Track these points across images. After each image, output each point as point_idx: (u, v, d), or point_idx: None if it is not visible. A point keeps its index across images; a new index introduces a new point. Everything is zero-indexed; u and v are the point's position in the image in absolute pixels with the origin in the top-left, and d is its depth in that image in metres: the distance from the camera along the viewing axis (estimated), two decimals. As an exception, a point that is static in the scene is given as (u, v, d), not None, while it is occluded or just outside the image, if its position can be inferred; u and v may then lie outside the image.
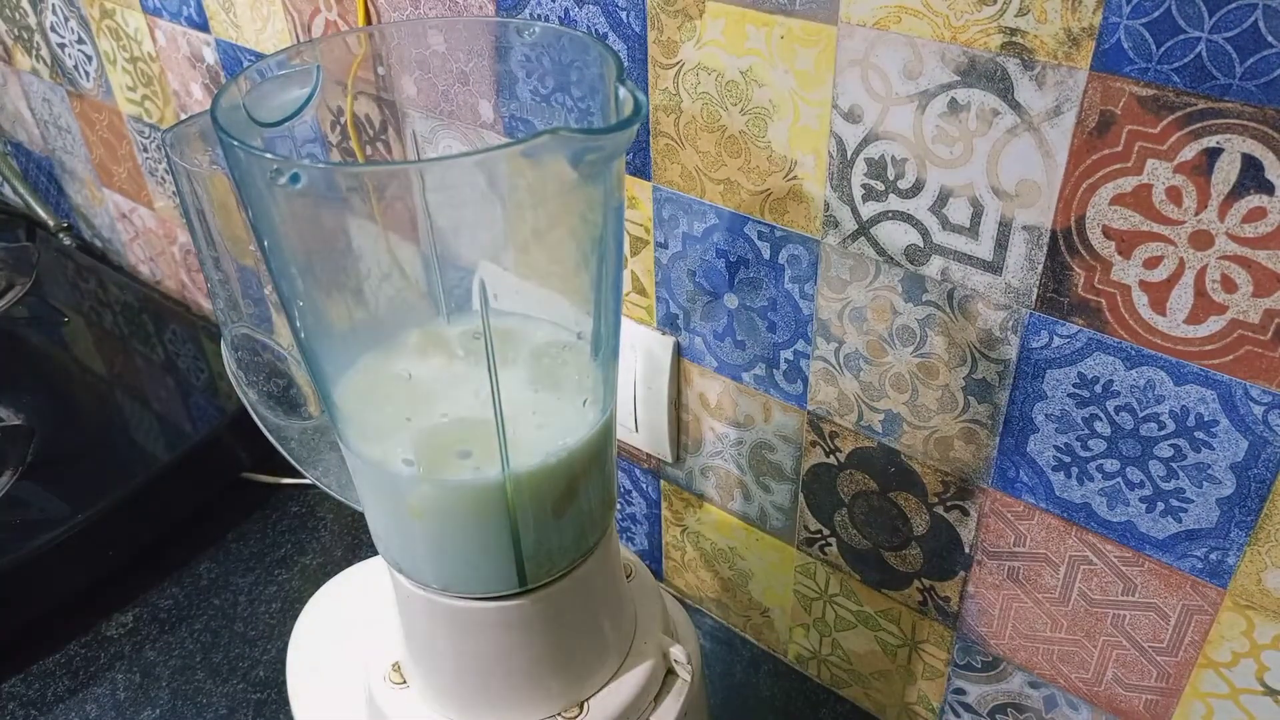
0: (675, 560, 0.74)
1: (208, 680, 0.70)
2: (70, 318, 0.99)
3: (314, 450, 0.53)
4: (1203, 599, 0.47)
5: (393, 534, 0.42)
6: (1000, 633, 0.56)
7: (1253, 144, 0.37)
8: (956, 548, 0.55)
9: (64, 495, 0.76)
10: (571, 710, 0.45)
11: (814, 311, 0.54)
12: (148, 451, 0.83)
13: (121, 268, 1.13)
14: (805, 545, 0.63)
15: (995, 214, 0.44)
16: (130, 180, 1.00)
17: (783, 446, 0.61)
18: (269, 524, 0.82)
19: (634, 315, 0.63)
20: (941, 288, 0.48)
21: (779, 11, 0.46)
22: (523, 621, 0.42)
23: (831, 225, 0.50)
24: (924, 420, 0.52)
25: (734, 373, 0.60)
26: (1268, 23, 0.35)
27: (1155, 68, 0.37)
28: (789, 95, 0.48)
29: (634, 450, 0.70)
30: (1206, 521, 0.45)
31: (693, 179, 0.55)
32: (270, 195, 0.33)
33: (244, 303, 0.49)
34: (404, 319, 0.40)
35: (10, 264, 0.99)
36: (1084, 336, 0.44)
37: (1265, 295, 0.39)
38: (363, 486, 0.40)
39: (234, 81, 0.38)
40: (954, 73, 0.42)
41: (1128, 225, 0.41)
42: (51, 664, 0.71)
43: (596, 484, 0.42)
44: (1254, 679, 0.47)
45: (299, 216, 0.34)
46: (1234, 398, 0.41)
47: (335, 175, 0.34)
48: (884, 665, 0.64)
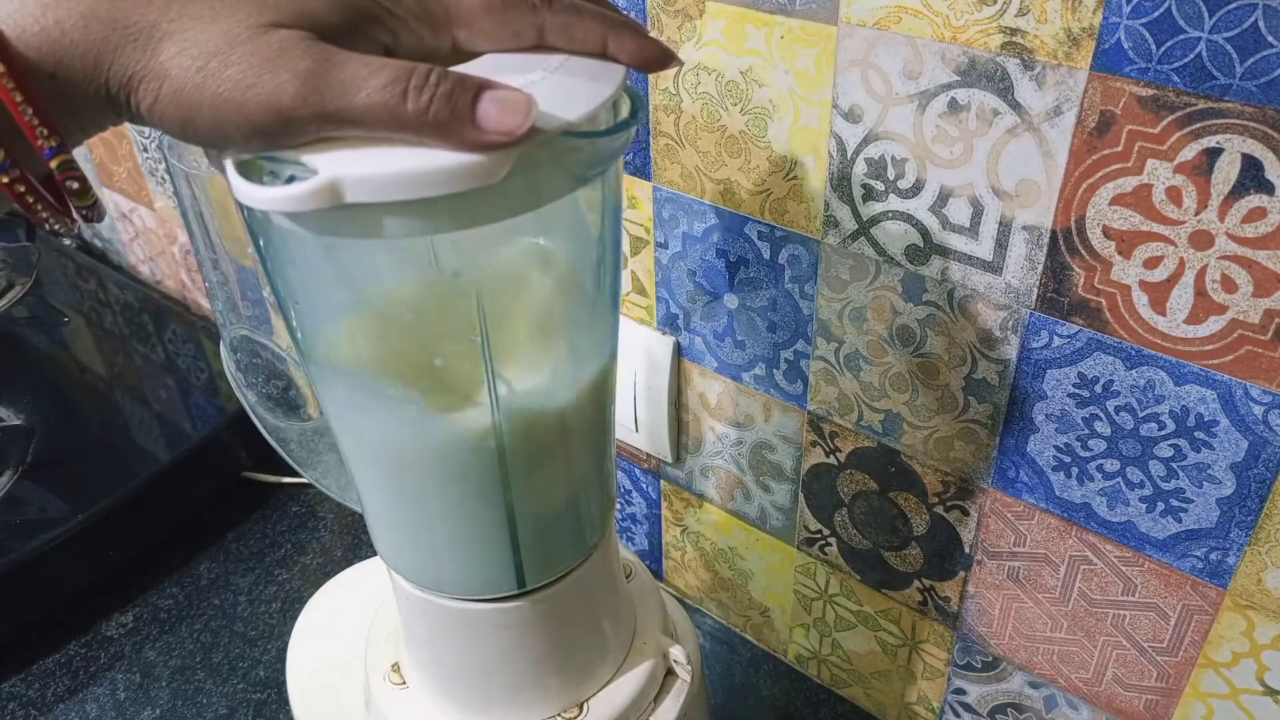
0: (675, 560, 0.74)
1: (208, 680, 0.70)
2: (70, 318, 0.99)
3: (313, 451, 0.53)
4: (1203, 599, 0.47)
5: (392, 534, 0.42)
6: (1000, 633, 0.56)
7: (1253, 144, 0.37)
8: (956, 548, 0.55)
9: (64, 495, 0.76)
10: (571, 710, 0.45)
11: (814, 311, 0.54)
12: (148, 451, 0.83)
13: (121, 268, 1.13)
14: (805, 545, 0.63)
15: (995, 214, 0.44)
16: (130, 180, 1.00)
17: (783, 446, 0.60)
18: (269, 524, 0.82)
19: (634, 315, 0.63)
20: (941, 288, 0.48)
21: (779, 11, 0.46)
22: (522, 623, 0.42)
23: (831, 225, 0.50)
24: (924, 420, 0.52)
25: (734, 373, 0.60)
26: (1268, 22, 0.35)
27: (1155, 68, 0.37)
28: (789, 95, 0.48)
29: (634, 450, 0.70)
30: (1206, 521, 0.45)
31: (693, 179, 0.55)
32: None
33: (243, 304, 0.49)
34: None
35: (10, 264, 0.99)
36: (1084, 336, 0.44)
37: (1265, 295, 0.39)
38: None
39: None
40: (954, 73, 0.42)
41: (1128, 225, 0.41)
42: (51, 664, 0.71)
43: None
44: (1254, 679, 0.47)
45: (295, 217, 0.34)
46: (1234, 398, 0.41)
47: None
48: (884, 665, 0.64)
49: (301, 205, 0.27)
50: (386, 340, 0.38)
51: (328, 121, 0.28)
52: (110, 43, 0.27)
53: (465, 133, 0.28)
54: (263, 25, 0.27)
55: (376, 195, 0.28)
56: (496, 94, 0.28)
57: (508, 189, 0.29)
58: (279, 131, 0.28)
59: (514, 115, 0.28)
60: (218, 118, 0.27)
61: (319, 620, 0.58)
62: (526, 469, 0.39)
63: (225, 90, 0.27)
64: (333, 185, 0.27)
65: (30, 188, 0.28)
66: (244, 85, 0.27)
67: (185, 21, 0.27)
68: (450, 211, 0.30)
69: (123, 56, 0.27)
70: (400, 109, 0.27)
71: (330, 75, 0.27)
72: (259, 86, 0.27)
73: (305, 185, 0.27)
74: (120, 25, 0.27)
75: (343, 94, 0.27)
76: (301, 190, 0.27)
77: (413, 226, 0.30)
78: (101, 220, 0.31)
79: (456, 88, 0.28)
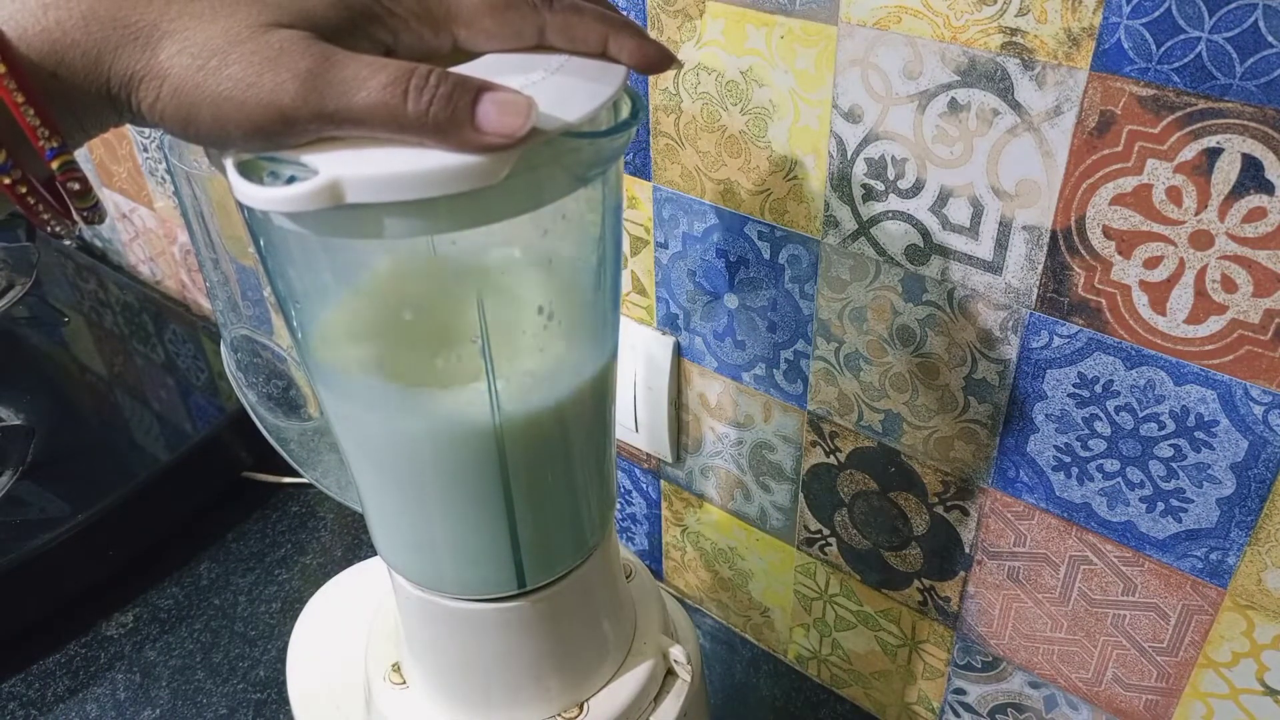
0: (675, 560, 0.74)
1: (208, 680, 0.70)
2: (70, 318, 0.99)
3: (313, 451, 0.53)
4: (1203, 599, 0.47)
5: (392, 534, 0.42)
6: (1000, 633, 0.56)
7: (1253, 144, 0.37)
8: (957, 548, 0.55)
9: (64, 495, 0.76)
10: (571, 710, 0.45)
11: (814, 311, 0.54)
12: (148, 451, 0.83)
13: (121, 267, 1.13)
14: (805, 545, 0.63)
15: (995, 214, 0.44)
16: (130, 180, 1.00)
17: (783, 446, 0.60)
18: (269, 524, 0.82)
19: (634, 315, 0.63)
20: (941, 287, 0.48)
21: (779, 11, 0.46)
22: (522, 623, 0.42)
23: (831, 225, 0.50)
24: (924, 420, 0.52)
25: (734, 373, 0.60)
26: (1268, 22, 0.35)
27: (1155, 68, 0.37)
28: (789, 95, 0.48)
29: (634, 450, 0.70)
30: (1206, 521, 0.45)
31: (693, 179, 0.55)
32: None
33: (243, 304, 0.49)
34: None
35: (10, 264, 0.99)
36: (1084, 336, 0.44)
37: (1265, 295, 0.39)
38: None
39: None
40: (954, 73, 0.42)
41: (1128, 225, 0.41)
42: (52, 664, 0.71)
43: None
44: (1254, 679, 0.47)
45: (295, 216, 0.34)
46: (1234, 398, 0.41)
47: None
48: (884, 665, 0.64)
49: (302, 205, 0.27)
50: (387, 340, 0.38)
51: (328, 121, 0.28)
52: (111, 42, 0.27)
53: (465, 134, 0.28)
54: (263, 25, 0.27)
55: (377, 195, 0.28)
56: (496, 95, 0.28)
57: (508, 189, 0.29)
58: (279, 131, 0.28)
59: (514, 117, 0.28)
60: (218, 117, 0.27)
61: (319, 620, 0.58)
62: (526, 469, 0.39)
63: (226, 89, 0.27)
64: (333, 185, 0.27)
65: (32, 189, 0.28)
66: (244, 84, 0.27)
67: (185, 21, 0.27)
68: (450, 212, 0.30)
69: (123, 56, 0.27)
70: (400, 110, 0.27)
71: (330, 75, 0.27)
72: (259, 86, 0.27)
73: (306, 185, 0.27)
74: (121, 25, 0.27)
75: (343, 94, 0.27)
76: (302, 190, 0.27)
77: (413, 227, 0.30)
78: (102, 222, 0.31)
79: (456, 89, 0.28)
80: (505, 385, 0.37)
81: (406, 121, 0.27)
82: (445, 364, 0.37)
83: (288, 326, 0.38)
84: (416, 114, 0.27)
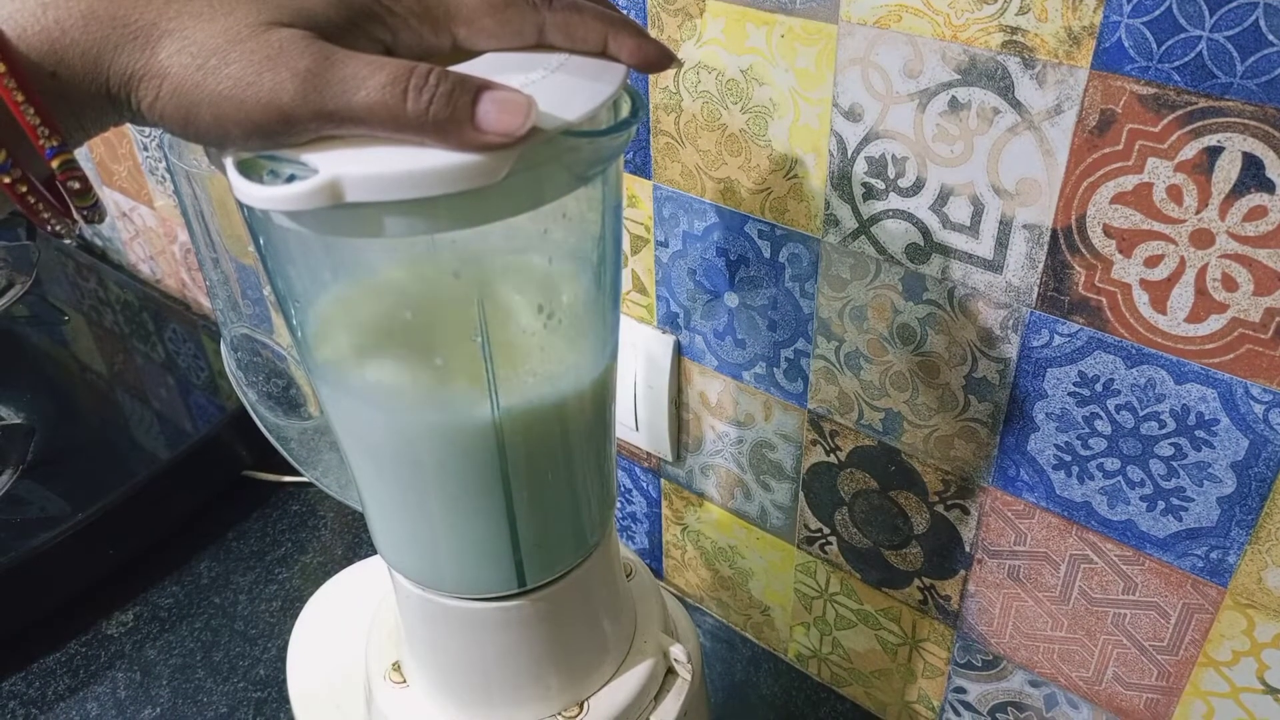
0: (675, 559, 0.74)
1: (208, 679, 0.70)
2: (70, 316, 0.99)
3: (314, 450, 0.53)
4: (1203, 598, 0.47)
5: (392, 533, 0.42)
6: (1001, 631, 0.56)
7: (1253, 142, 0.37)
8: (957, 546, 0.55)
9: (64, 494, 0.76)
10: (571, 709, 0.45)
11: (814, 310, 0.54)
12: (148, 450, 0.83)
13: (122, 266, 1.13)
14: (805, 544, 0.63)
15: (996, 212, 0.44)
16: (130, 179, 1.00)
17: (783, 445, 0.60)
18: (269, 523, 0.82)
19: (634, 314, 0.63)
20: (942, 286, 0.48)
21: (779, 10, 0.46)
22: (523, 622, 0.42)
23: (832, 224, 0.50)
24: (924, 419, 0.52)
25: (734, 371, 0.60)
26: (1268, 21, 0.35)
27: (1156, 66, 0.37)
28: (789, 94, 0.48)
29: (634, 449, 0.70)
30: (1207, 520, 0.45)
31: (693, 178, 0.55)
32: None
33: (244, 303, 0.49)
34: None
35: (10, 263, 0.99)
36: (1084, 335, 0.44)
37: (1266, 294, 0.39)
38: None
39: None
40: (954, 71, 0.42)
41: (1128, 224, 0.41)
42: (52, 662, 0.71)
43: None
44: (1254, 677, 0.47)
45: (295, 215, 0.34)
46: (1234, 396, 0.41)
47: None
48: (884, 664, 0.64)
49: (302, 204, 0.27)
50: (387, 339, 0.38)
51: (327, 120, 0.28)
52: (110, 41, 0.27)
53: (465, 133, 0.28)
54: (263, 23, 0.27)
55: (377, 194, 0.28)
56: (496, 95, 0.28)
57: (508, 188, 0.29)
58: (279, 130, 0.28)
59: (514, 116, 0.28)
60: (218, 116, 0.27)
61: (319, 619, 0.58)
62: (527, 468, 0.39)
63: (225, 88, 0.27)
64: (333, 184, 0.27)
65: (32, 188, 0.28)
66: (244, 83, 0.27)
67: (185, 20, 0.27)
68: (450, 211, 0.30)
69: (123, 55, 0.27)
70: (400, 109, 0.27)
71: (330, 74, 0.27)
72: (259, 85, 0.27)
73: (305, 184, 0.27)
74: (120, 24, 0.27)
75: (342, 93, 0.27)
76: (302, 189, 0.27)
77: (413, 226, 0.30)
78: (102, 221, 0.31)
79: (456, 88, 0.28)
80: (505, 384, 0.37)
81: (406, 120, 0.27)
82: (445, 363, 0.37)
83: (288, 325, 0.38)
84: (416, 113, 0.27)
